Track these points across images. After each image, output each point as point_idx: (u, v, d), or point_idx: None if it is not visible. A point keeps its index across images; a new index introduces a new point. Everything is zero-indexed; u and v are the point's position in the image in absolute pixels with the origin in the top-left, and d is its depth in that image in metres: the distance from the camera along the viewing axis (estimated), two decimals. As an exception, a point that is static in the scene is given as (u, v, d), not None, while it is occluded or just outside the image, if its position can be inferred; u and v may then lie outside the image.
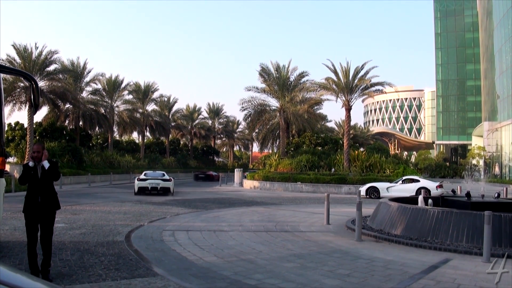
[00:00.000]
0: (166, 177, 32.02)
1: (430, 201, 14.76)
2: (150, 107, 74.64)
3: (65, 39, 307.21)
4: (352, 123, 55.23)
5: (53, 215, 8.01)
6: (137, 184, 30.81)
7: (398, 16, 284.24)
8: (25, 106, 44.59)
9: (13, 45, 43.64)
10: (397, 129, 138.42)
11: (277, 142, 64.47)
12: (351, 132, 51.54)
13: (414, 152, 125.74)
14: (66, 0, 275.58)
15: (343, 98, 44.68)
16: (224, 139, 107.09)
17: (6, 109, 44.33)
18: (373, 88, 45.52)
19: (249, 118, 56.89)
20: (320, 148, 56.37)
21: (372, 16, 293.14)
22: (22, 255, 9.26)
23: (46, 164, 7.83)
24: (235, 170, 50.38)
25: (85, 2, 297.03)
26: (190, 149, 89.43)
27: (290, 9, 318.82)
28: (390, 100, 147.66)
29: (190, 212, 19.49)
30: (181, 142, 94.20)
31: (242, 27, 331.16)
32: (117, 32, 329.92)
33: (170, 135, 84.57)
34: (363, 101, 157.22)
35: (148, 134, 79.06)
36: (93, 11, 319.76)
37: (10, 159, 47.83)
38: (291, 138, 59.67)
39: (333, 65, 44.74)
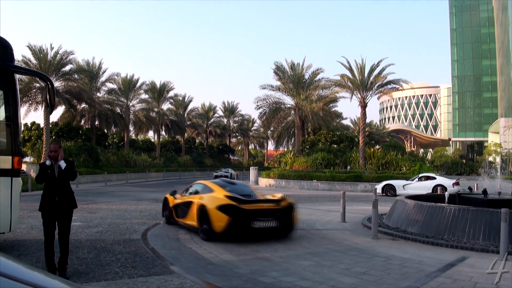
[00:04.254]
0: (228, 171, 60.95)
1: (447, 193, 14.81)
2: (166, 106, 75.07)
3: (80, 39, 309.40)
4: (367, 120, 55.15)
5: (70, 214, 8.09)
6: (214, 174, 56.73)
7: (414, 12, 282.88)
8: (41, 106, 44.91)
9: (28, 46, 43.99)
10: (413, 126, 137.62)
11: (292, 140, 64.51)
12: (366, 129, 51.31)
13: (430, 149, 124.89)
14: (81, 1, 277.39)
15: (359, 95, 44.48)
16: (239, 137, 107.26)
17: (22, 110, 44.78)
18: (389, 86, 45.22)
19: (264, 116, 56.96)
20: (335, 145, 56.21)
21: (387, 13, 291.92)
22: (39, 253, 9.34)
23: (63, 164, 7.88)
24: (251, 168, 50.40)
25: (100, 3, 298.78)
26: (206, 147, 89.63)
27: (304, 8, 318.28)
28: (406, 97, 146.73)
29: (206, 210, 19.48)
30: (197, 141, 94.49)
31: (257, 26, 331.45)
32: (132, 32, 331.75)
33: (186, 134, 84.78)
34: (378, 98, 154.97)
35: (163, 133, 79.38)
36: (108, 12, 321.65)
37: (27, 159, 48.23)
38: (306, 136, 59.55)
39: (348, 62, 44.59)
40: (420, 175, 31.81)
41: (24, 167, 38.87)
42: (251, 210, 11.59)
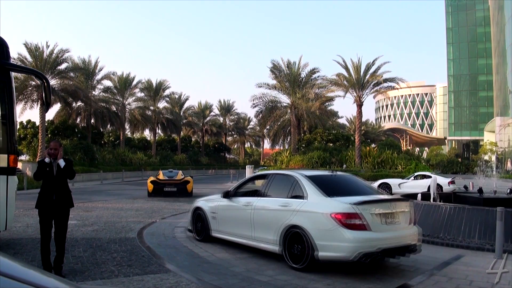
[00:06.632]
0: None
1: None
2: (162, 104, 74.95)
3: (76, 38, 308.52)
4: (363, 119, 55.10)
5: (67, 213, 8.08)
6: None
7: (410, 11, 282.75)
8: (37, 104, 44.82)
9: (24, 44, 43.87)
10: (409, 125, 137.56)
11: (288, 139, 64.49)
12: (362, 128, 51.35)
13: (426, 148, 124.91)
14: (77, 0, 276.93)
15: (354, 94, 44.57)
16: (235, 136, 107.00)
17: (18, 108, 44.62)
18: (385, 84, 45.28)
19: (260, 115, 56.94)
20: (331, 144, 56.27)
21: (383, 12, 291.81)
22: (35, 252, 9.33)
23: (62, 162, 7.87)
24: (246, 166, 50.32)
25: (97, 2, 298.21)
26: (202, 146, 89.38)
27: (300, 7, 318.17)
28: (402, 96, 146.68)
29: (202, 209, 19.43)
30: (193, 139, 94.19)
31: (253, 25, 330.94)
32: (128, 31, 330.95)
33: (182, 132, 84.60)
34: (374, 97, 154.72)
35: (159, 131, 79.24)
36: (105, 11, 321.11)
37: (22, 157, 48.15)
38: (302, 134, 59.58)
39: (344, 61, 44.67)
40: (416, 174, 31.87)
41: (19, 165, 38.74)
42: (164, 182, 25.22)
